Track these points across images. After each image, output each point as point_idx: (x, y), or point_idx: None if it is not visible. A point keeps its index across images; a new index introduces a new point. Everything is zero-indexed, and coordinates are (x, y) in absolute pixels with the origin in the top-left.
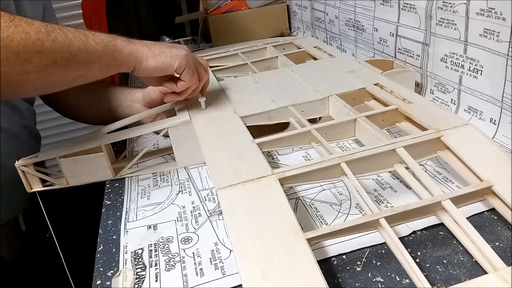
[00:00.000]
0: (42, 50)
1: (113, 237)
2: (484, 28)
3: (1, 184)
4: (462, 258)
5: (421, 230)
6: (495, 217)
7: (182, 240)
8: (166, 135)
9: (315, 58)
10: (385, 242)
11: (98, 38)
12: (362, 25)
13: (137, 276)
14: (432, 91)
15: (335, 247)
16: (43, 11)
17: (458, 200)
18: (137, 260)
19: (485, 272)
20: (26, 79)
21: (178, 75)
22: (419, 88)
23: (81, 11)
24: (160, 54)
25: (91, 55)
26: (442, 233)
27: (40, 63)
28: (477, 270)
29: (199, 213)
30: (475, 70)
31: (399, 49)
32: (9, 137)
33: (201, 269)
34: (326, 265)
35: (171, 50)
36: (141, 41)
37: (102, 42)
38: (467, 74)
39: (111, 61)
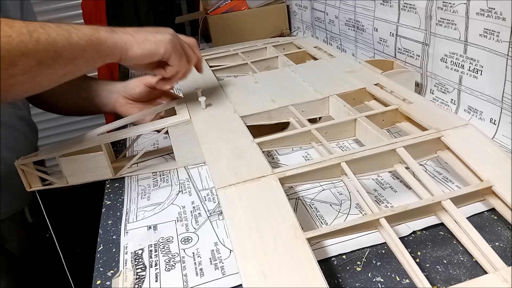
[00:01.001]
0: (26, 52)
1: (113, 237)
2: (484, 28)
3: (1, 177)
4: (462, 258)
5: (421, 230)
6: (495, 217)
7: (182, 240)
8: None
9: (315, 58)
10: (385, 242)
11: (81, 32)
12: (362, 25)
13: (137, 276)
14: (432, 91)
15: (335, 247)
16: (21, 8)
17: (458, 200)
18: (137, 260)
19: (485, 272)
20: (14, 82)
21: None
22: (419, 88)
23: (81, 11)
24: (144, 42)
25: (76, 51)
26: (442, 233)
27: (25, 65)
28: (477, 270)
29: (199, 213)
30: (475, 70)
31: (399, 49)
32: (7, 130)
33: (201, 269)
34: (326, 265)
35: (155, 36)
36: (124, 29)
37: (85, 35)
38: (467, 74)
39: (96, 54)
